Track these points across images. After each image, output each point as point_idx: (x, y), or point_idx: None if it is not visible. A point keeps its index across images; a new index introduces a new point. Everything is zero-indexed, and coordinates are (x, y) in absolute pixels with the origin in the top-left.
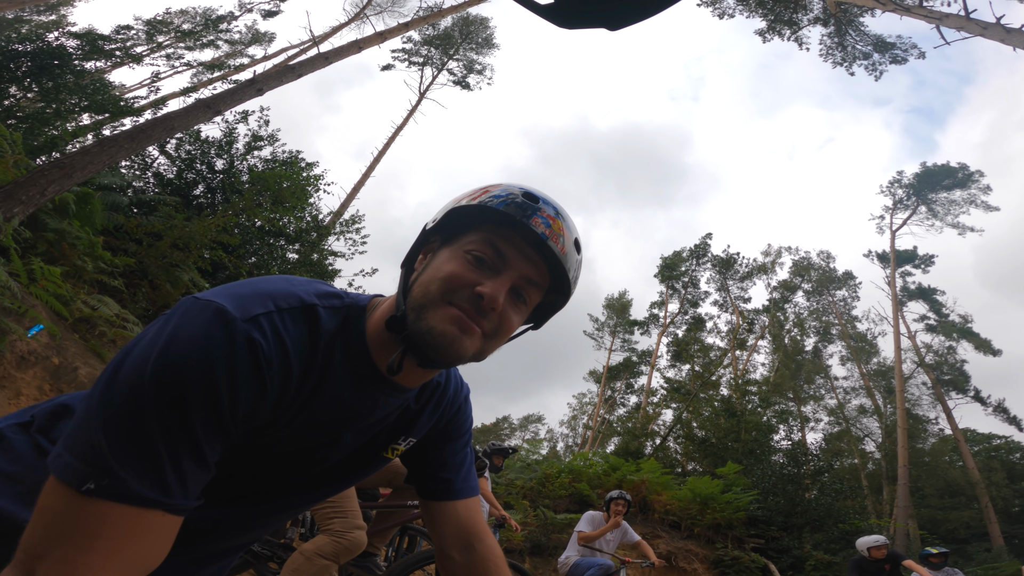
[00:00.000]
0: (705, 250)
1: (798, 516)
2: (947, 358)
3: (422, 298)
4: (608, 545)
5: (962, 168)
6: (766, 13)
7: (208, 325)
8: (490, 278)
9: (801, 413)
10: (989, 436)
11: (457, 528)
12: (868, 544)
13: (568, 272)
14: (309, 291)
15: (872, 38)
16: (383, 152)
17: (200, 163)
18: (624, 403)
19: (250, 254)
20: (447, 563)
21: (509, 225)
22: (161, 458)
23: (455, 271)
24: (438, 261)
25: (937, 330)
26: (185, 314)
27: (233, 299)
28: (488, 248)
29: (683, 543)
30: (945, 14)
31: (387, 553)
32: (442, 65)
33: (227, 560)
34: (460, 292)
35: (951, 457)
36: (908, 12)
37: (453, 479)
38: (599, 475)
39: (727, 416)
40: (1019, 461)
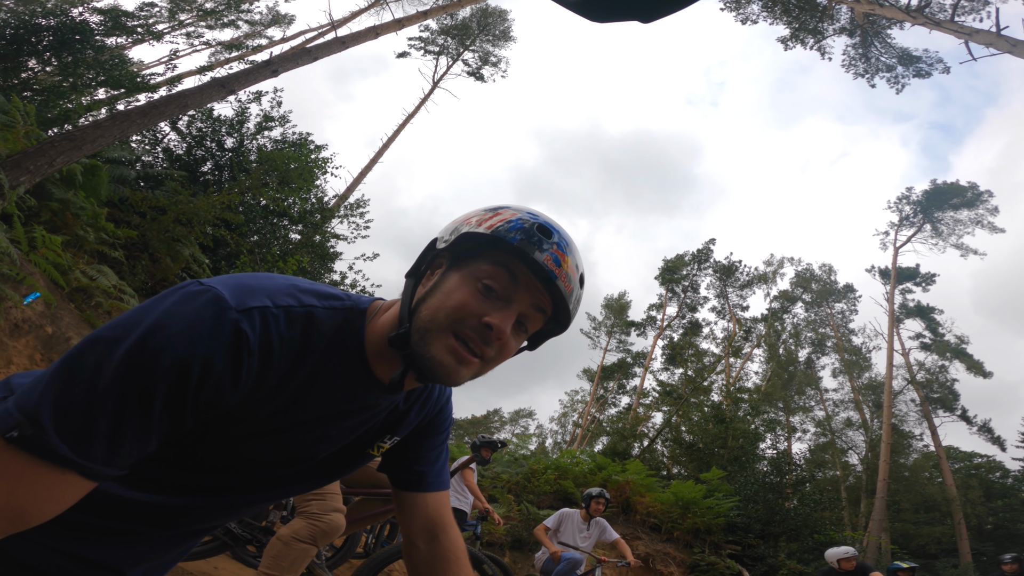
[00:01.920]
0: (707, 255)
1: (776, 525)
2: (938, 377)
3: (429, 323)
4: (585, 542)
5: (972, 188)
6: (791, 21)
7: (201, 308)
8: (498, 309)
9: (789, 423)
10: (971, 455)
11: (425, 519)
12: (838, 555)
13: (570, 307)
14: (310, 293)
15: (898, 51)
16: (392, 138)
17: (210, 140)
18: (615, 403)
19: (253, 232)
20: (412, 552)
21: (521, 259)
22: (98, 423)
23: (465, 301)
24: (448, 286)
25: (931, 349)
26: (183, 295)
27: (233, 289)
28: (501, 279)
29: (662, 546)
30: (976, 30)
31: (367, 540)
32: (458, 55)
33: (201, 537)
34: (468, 321)
35: (931, 473)
36: (938, 26)
37: (427, 472)
38: (585, 473)
39: (716, 422)
40: (998, 480)
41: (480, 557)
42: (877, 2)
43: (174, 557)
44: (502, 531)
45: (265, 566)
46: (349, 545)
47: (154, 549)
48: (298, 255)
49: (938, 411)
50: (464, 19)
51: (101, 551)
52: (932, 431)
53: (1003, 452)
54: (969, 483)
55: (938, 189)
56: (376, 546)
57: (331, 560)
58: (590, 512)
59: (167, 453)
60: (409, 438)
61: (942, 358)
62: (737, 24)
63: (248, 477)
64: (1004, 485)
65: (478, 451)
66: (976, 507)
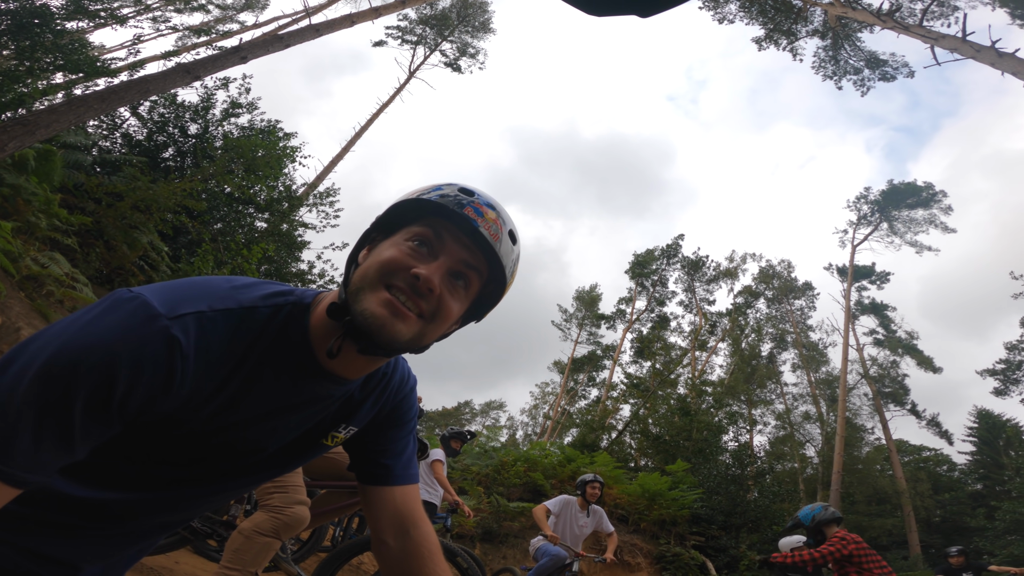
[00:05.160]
0: (676, 250)
1: (738, 516)
2: (890, 372)
3: (361, 281)
4: (584, 530)
5: (927, 187)
6: (766, 21)
7: (128, 317)
8: (426, 262)
9: (751, 416)
10: (920, 448)
11: (394, 514)
12: (791, 545)
13: (502, 259)
14: (252, 294)
15: (866, 54)
16: (366, 127)
17: (173, 127)
18: (585, 395)
19: (216, 220)
20: (382, 548)
21: (444, 215)
22: (20, 434)
23: (394, 256)
24: (379, 250)
25: (884, 344)
26: (110, 303)
27: (164, 295)
28: (428, 234)
29: (629, 537)
30: (942, 35)
31: (334, 533)
32: (435, 45)
33: (160, 535)
34: (398, 274)
35: (882, 466)
36: (907, 31)
37: (393, 466)
38: (554, 466)
39: (681, 415)
40: (945, 473)
41: (454, 550)
42: (850, 5)
43: (134, 554)
44: (472, 523)
45: (227, 560)
46: (315, 538)
47: (111, 546)
48: (264, 243)
49: (889, 405)
50: (444, 9)
51: (54, 546)
52: (883, 425)
53: (950, 446)
54: (918, 476)
55: (895, 189)
56: (344, 539)
57: (297, 554)
58: (587, 498)
59: (111, 450)
60: (370, 430)
61: (894, 354)
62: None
63: (195, 473)
64: (951, 478)
65: (447, 443)
66: (925, 500)
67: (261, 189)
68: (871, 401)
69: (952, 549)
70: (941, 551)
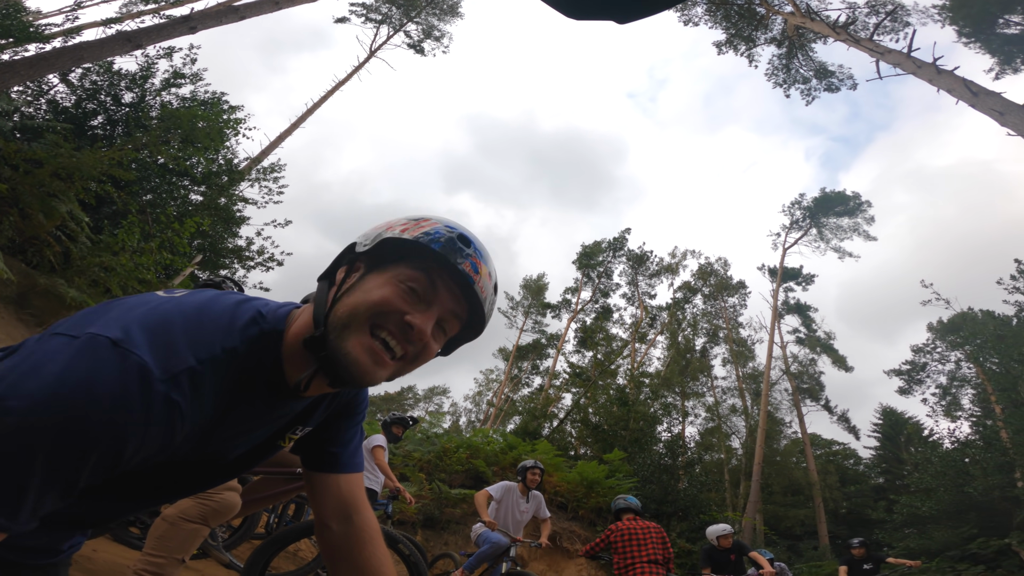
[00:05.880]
0: (623, 244)
1: (669, 504)
2: (808, 369)
3: (348, 318)
4: (524, 515)
5: (854, 197)
6: (729, 26)
7: (129, 383)
8: (420, 310)
9: (684, 408)
10: (831, 442)
11: (338, 500)
12: (717, 533)
13: (486, 314)
14: (229, 331)
15: (816, 64)
16: (319, 104)
17: (106, 95)
18: (528, 383)
19: (146, 191)
20: (326, 533)
21: (442, 265)
22: (28, 495)
23: (388, 298)
24: (369, 285)
25: (805, 343)
26: (101, 360)
27: (154, 351)
28: (423, 280)
29: (568, 524)
30: (889, 50)
31: (269, 520)
32: (400, 26)
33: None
34: (390, 317)
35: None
36: (857, 44)
37: (340, 454)
38: (496, 453)
39: (620, 405)
40: (851, 467)
41: (395, 536)
42: (808, 16)
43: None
44: (413, 510)
45: (150, 548)
46: (248, 525)
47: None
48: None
49: (806, 401)
50: None
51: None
52: (800, 419)
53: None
54: (828, 469)
55: (826, 197)
56: (279, 526)
57: (228, 541)
58: (527, 484)
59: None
60: (322, 422)
61: (813, 352)
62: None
63: (156, 484)
64: (857, 472)
65: (389, 428)
66: (833, 492)
67: (199, 161)
68: (791, 396)
69: (854, 541)
70: (846, 542)
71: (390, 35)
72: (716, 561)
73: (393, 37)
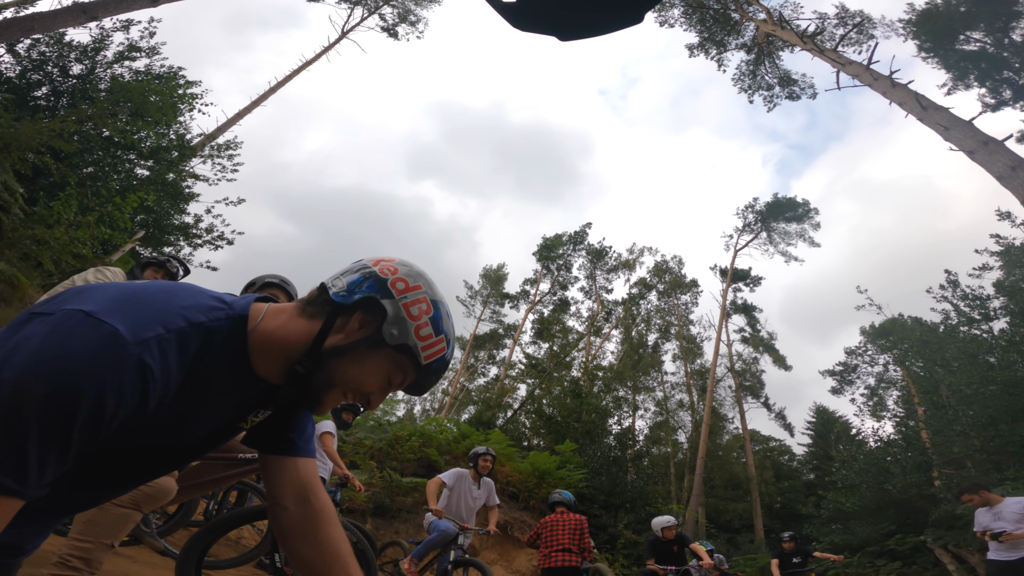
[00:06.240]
0: (583, 238)
1: (617, 496)
2: (751, 367)
3: (339, 382)
4: (476, 502)
5: (804, 204)
6: (703, 30)
7: (103, 347)
8: (384, 393)
9: (634, 401)
10: (768, 438)
11: (295, 482)
12: (661, 524)
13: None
14: (195, 309)
15: (781, 72)
16: (283, 83)
17: (53, 66)
18: (484, 373)
19: (88, 164)
20: (282, 513)
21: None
22: (30, 456)
23: (372, 388)
24: (369, 365)
25: (749, 342)
26: (76, 329)
27: (125, 320)
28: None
29: (519, 514)
30: (850, 61)
31: (208, 506)
32: (376, 8)
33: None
34: (361, 392)
35: (738, 453)
36: (822, 54)
37: (296, 439)
38: (449, 442)
39: (573, 397)
40: (787, 463)
41: (344, 524)
42: (780, 24)
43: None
44: (363, 498)
45: (77, 533)
46: (184, 512)
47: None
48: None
49: (748, 398)
50: None
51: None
52: (741, 415)
53: (792, 437)
54: (764, 464)
55: (778, 202)
56: (219, 512)
57: (163, 527)
58: (478, 470)
59: None
60: (280, 409)
61: (756, 351)
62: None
63: (112, 472)
64: (791, 468)
65: (339, 415)
66: (769, 487)
67: (148, 136)
68: (734, 393)
69: (785, 535)
70: (778, 536)
71: (364, 17)
72: (660, 552)
73: (368, 19)
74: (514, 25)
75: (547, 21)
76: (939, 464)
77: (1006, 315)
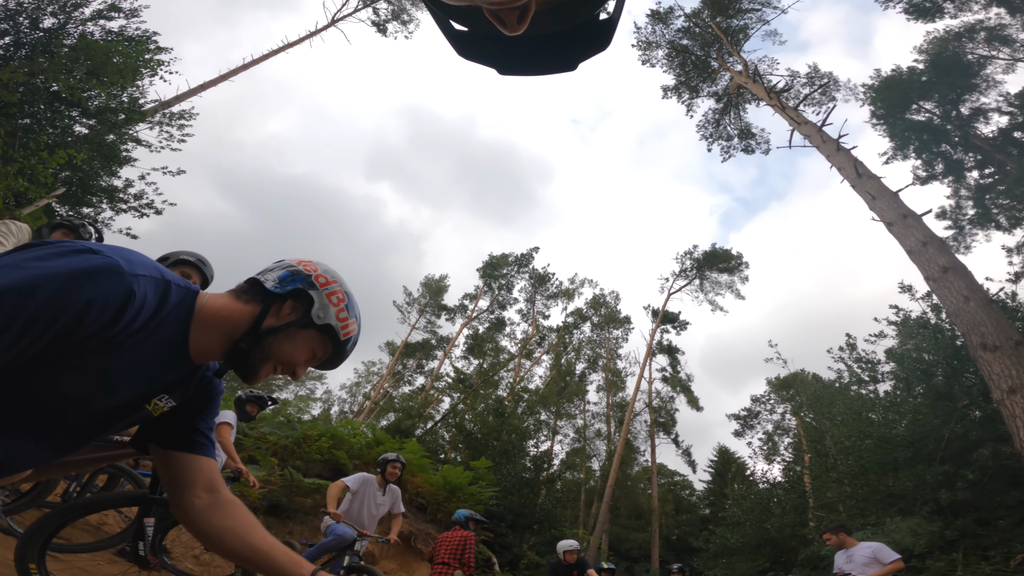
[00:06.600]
0: (528, 261)
1: (526, 517)
2: (667, 405)
3: (270, 354)
4: (380, 509)
5: (737, 257)
6: (680, 74)
7: (107, 270)
8: (307, 366)
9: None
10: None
11: (204, 478)
12: (564, 548)
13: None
14: (166, 271)
15: (743, 124)
16: (257, 62)
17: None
18: (411, 382)
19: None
20: (195, 502)
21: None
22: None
23: (299, 360)
24: (298, 340)
25: (668, 381)
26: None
27: (123, 260)
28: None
29: (424, 526)
30: (806, 121)
31: (69, 487)
32: (372, 1)
33: None
34: (288, 364)
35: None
36: (783, 111)
37: (202, 440)
38: (362, 447)
39: (496, 415)
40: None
41: None
42: (752, 78)
43: None
44: (257, 495)
45: None
46: (40, 491)
47: None
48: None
49: (660, 433)
50: None
51: None
52: (652, 449)
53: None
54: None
55: (715, 252)
56: (81, 495)
57: (11, 505)
58: (386, 477)
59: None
60: (183, 408)
61: (673, 390)
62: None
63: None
64: (690, 502)
65: (243, 406)
66: (668, 519)
67: (98, 95)
68: (648, 427)
69: (673, 566)
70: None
71: (358, 8)
72: (559, 575)
73: (361, 11)
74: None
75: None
76: (814, 507)
77: (892, 379)
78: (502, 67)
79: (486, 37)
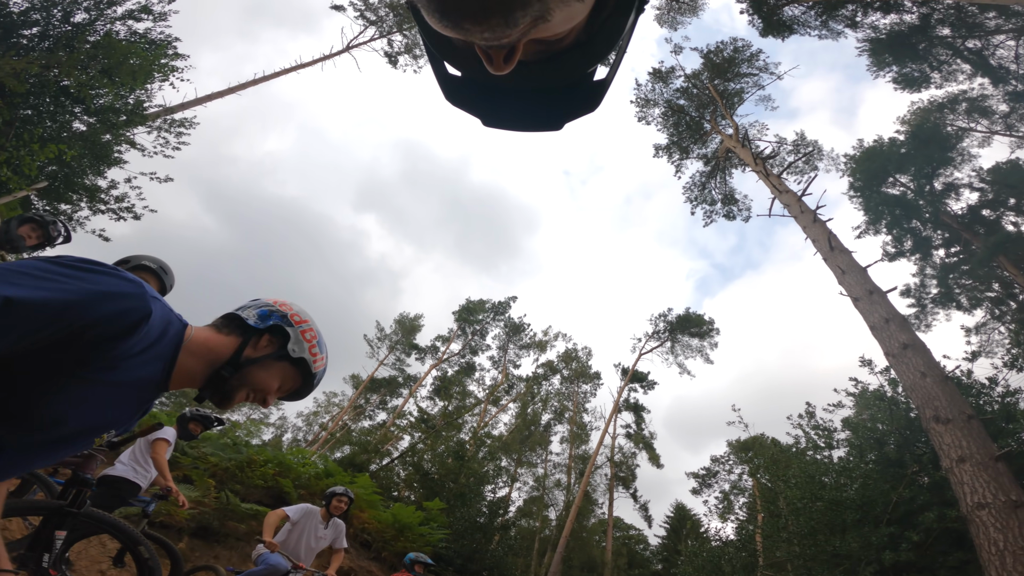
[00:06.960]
0: (505, 309)
1: (476, 563)
2: (628, 460)
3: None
4: (320, 542)
5: (709, 323)
6: (673, 134)
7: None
8: (276, 394)
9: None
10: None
11: None
12: None
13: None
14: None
15: (727, 189)
16: (268, 78)
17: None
18: (372, 417)
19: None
20: None
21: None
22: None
23: (272, 389)
24: (273, 371)
25: (632, 438)
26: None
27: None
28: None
29: (367, 563)
30: (787, 189)
31: None
32: (388, 32)
33: None
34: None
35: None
36: (767, 178)
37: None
38: (311, 477)
39: (456, 458)
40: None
41: (137, 537)
42: (740, 143)
43: None
44: (185, 515)
45: None
46: None
47: None
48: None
49: (619, 487)
50: None
51: None
52: (610, 502)
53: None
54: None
55: (688, 316)
56: None
57: None
58: (330, 511)
59: None
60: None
61: (636, 446)
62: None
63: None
64: (644, 557)
65: (186, 424)
66: (621, 572)
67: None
68: (608, 481)
69: None
70: None
71: (374, 37)
72: None
73: (376, 41)
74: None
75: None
76: (763, 567)
77: (847, 446)
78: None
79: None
